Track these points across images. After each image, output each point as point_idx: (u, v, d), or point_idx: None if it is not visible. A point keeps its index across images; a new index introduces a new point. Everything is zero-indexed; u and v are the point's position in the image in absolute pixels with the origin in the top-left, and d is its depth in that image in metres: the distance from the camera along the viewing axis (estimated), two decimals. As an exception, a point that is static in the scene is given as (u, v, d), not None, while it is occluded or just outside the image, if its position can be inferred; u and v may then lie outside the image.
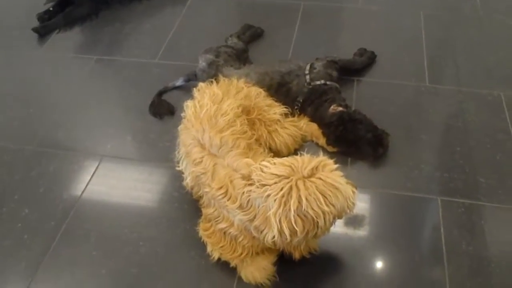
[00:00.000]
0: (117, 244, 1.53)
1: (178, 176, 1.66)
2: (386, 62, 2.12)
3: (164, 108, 1.94)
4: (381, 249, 1.49)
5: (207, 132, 1.42)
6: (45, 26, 2.43)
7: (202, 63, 1.96)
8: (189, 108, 1.54)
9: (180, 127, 1.57)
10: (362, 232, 1.53)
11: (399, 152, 1.74)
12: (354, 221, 1.55)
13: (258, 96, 1.66)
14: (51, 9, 2.51)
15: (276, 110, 1.70)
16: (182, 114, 1.58)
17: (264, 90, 1.74)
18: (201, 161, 1.40)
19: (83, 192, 1.69)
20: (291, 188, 1.12)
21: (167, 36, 2.34)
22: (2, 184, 1.73)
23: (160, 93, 2.00)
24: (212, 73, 1.88)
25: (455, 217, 1.54)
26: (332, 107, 1.75)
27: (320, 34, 2.30)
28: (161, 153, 1.79)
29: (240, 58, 2.02)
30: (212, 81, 1.65)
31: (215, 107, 1.49)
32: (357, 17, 2.42)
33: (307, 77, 1.82)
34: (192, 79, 2.00)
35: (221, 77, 1.69)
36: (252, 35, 2.25)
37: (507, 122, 1.83)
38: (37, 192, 1.69)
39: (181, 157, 1.52)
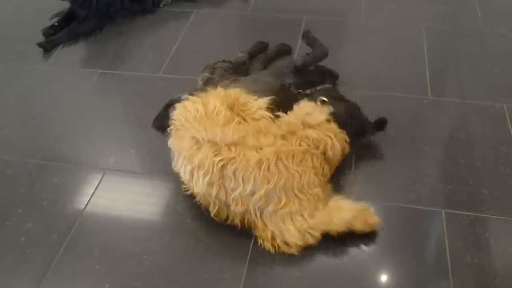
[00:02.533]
0: (121, 257, 1.52)
1: (181, 190, 1.66)
2: (389, 75, 2.13)
3: (168, 122, 1.95)
4: (385, 263, 1.47)
5: (213, 129, 1.47)
6: (50, 41, 2.46)
7: (199, 82, 1.98)
8: (179, 117, 1.58)
9: (171, 141, 1.59)
10: (365, 245, 1.52)
11: (403, 164, 1.74)
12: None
13: (236, 92, 1.67)
14: (56, 24, 2.54)
15: (260, 103, 1.66)
16: (170, 128, 1.61)
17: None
18: (235, 158, 1.42)
19: (86, 205, 1.69)
20: None
21: (170, 50, 2.36)
22: (6, 197, 1.73)
23: (167, 106, 2.00)
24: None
25: (459, 230, 1.53)
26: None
27: (322, 47, 2.31)
28: (164, 166, 1.78)
29: (238, 71, 2.02)
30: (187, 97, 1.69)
31: (204, 110, 1.55)
32: (359, 31, 2.44)
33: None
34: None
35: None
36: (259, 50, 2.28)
37: (510, 134, 1.83)
38: (41, 206, 1.69)
39: (183, 167, 1.52)
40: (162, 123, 1.94)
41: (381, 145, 1.80)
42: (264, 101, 1.66)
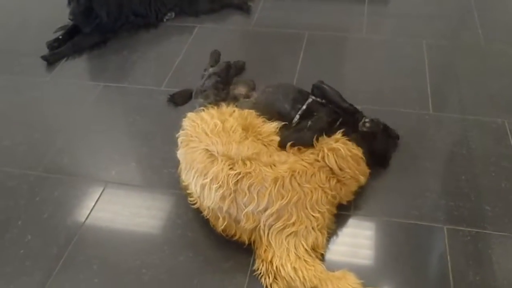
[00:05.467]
0: (120, 271, 1.51)
1: (182, 203, 1.66)
2: (390, 91, 2.14)
3: (184, 99, 2.05)
4: (387, 279, 1.46)
5: (229, 144, 1.49)
6: (54, 54, 2.48)
7: (198, 109, 1.96)
8: (194, 127, 1.59)
9: (182, 151, 1.59)
10: (367, 261, 1.51)
11: (404, 180, 1.74)
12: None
13: (250, 115, 1.69)
14: (60, 37, 2.56)
15: (270, 127, 1.69)
16: (180, 139, 1.61)
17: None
18: (251, 173, 1.43)
19: (86, 218, 1.68)
20: None
21: (173, 64, 2.38)
22: (7, 209, 1.73)
23: (191, 92, 2.06)
24: None
25: (461, 246, 1.52)
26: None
27: (324, 62, 2.33)
28: (165, 179, 1.79)
29: (227, 79, 2.01)
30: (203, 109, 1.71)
31: (222, 125, 1.57)
32: (361, 46, 2.45)
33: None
34: None
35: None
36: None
37: (511, 150, 1.82)
38: (41, 218, 1.69)
39: (194, 180, 1.51)
40: (177, 99, 2.05)
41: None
42: (274, 125, 1.69)
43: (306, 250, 1.42)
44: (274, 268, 1.40)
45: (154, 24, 2.69)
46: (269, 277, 1.41)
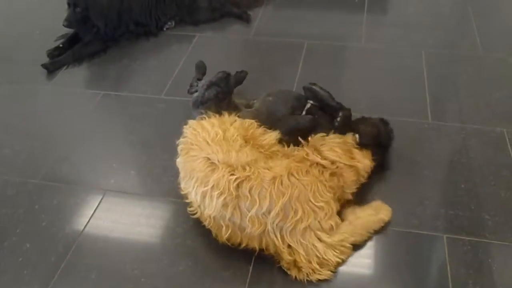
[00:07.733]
0: (118, 280, 1.51)
1: (181, 212, 1.66)
2: (389, 99, 2.14)
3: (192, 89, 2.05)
4: (386, 288, 1.46)
5: (229, 152, 1.50)
6: (54, 62, 2.49)
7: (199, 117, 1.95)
8: (195, 136, 1.59)
9: (181, 160, 1.58)
10: (367, 270, 1.51)
11: (403, 188, 1.74)
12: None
13: (251, 126, 1.69)
14: (60, 45, 2.58)
15: (271, 137, 1.69)
16: (180, 147, 1.60)
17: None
18: (250, 177, 1.44)
19: (85, 226, 1.68)
20: None
21: (173, 73, 2.39)
22: (5, 217, 1.73)
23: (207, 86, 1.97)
24: None
25: (461, 255, 1.52)
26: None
27: (323, 71, 2.34)
28: (165, 188, 1.79)
29: (228, 89, 1.96)
30: (204, 117, 1.70)
31: (223, 134, 1.58)
32: (360, 55, 2.46)
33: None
34: None
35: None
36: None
37: (511, 159, 1.83)
38: (39, 226, 1.68)
39: (194, 189, 1.51)
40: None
41: (381, 169, 1.80)
42: (274, 135, 1.69)
43: (328, 233, 1.46)
44: (314, 266, 1.44)
45: (154, 33, 2.70)
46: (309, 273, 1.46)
